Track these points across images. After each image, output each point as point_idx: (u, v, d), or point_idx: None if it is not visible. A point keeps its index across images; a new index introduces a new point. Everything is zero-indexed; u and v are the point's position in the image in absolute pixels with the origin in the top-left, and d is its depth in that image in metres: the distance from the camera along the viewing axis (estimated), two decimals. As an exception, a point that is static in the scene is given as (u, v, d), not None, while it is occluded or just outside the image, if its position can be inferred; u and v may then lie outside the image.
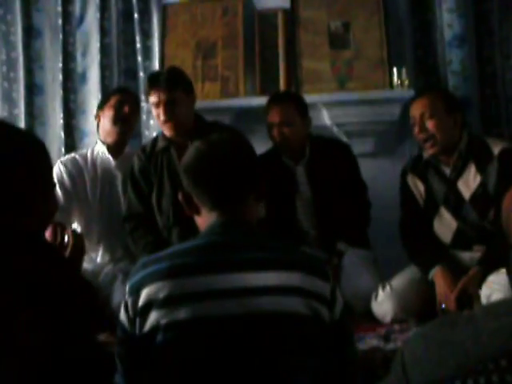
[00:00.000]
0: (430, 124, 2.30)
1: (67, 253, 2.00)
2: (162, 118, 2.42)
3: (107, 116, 2.68)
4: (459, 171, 2.33)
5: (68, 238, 2.24)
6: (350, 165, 2.62)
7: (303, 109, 2.57)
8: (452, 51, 3.01)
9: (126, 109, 2.68)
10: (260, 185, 1.38)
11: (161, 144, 2.54)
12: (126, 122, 2.68)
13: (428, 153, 2.35)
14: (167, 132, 2.46)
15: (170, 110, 2.40)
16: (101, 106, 2.74)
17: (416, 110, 2.34)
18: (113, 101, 2.69)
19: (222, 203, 1.33)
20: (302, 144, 2.58)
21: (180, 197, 1.38)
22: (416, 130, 2.33)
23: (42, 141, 1.26)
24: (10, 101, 3.46)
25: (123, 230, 2.59)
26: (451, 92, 2.77)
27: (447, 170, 2.36)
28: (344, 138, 3.03)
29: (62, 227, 2.44)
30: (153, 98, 2.43)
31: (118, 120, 2.66)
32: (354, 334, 1.39)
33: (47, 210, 1.23)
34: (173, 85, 2.41)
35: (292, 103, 2.56)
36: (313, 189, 2.56)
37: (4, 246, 1.09)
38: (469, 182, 2.31)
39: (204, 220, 1.36)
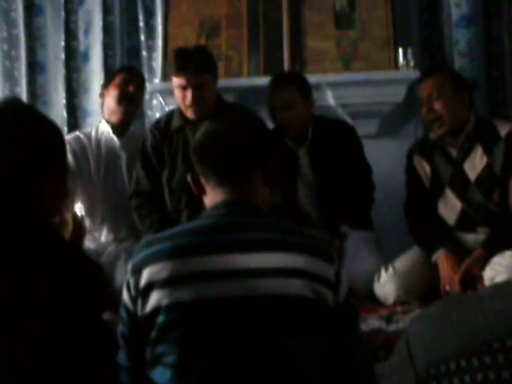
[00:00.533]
0: (437, 105, 2.28)
1: (67, 234, 2.00)
2: (188, 101, 2.37)
3: (112, 95, 2.65)
4: (466, 153, 2.31)
5: (67, 219, 2.24)
6: (354, 146, 2.59)
7: (306, 91, 2.53)
8: (459, 31, 2.97)
9: (132, 88, 2.64)
10: (268, 169, 1.36)
11: (176, 122, 2.50)
12: (131, 101, 2.65)
13: (436, 133, 2.33)
14: (191, 115, 2.42)
15: (198, 94, 2.36)
16: (106, 85, 2.71)
17: (424, 91, 2.32)
18: (118, 79, 2.66)
19: (226, 181, 1.32)
20: (304, 126, 2.54)
21: (189, 177, 1.38)
22: (424, 110, 2.31)
23: (58, 125, 1.24)
24: (12, 79, 3.43)
25: (128, 210, 2.58)
26: (459, 73, 2.73)
27: (454, 152, 2.34)
28: (348, 119, 3.00)
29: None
30: (180, 81, 2.37)
31: (123, 99, 2.63)
32: (358, 316, 1.39)
33: (58, 193, 1.22)
34: (202, 68, 2.37)
35: (294, 85, 2.51)
36: (315, 171, 2.53)
37: (10, 226, 1.09)
38: (475, 164, 2.29)
39: (209, 199, 1.35)
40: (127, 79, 2.66)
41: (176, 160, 2.48)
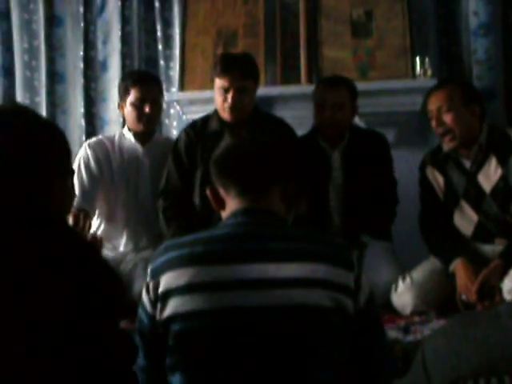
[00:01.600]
0: (447, 118, 2.25)
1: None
2: (228, 104, 2.38)
3: (129, 113, 2.60)
4: (479, 164, 2.28)
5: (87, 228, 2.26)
6: (385, 158, 2.60)
7: (355, 94, 2.56)
8: (477, 40, 2.96)
9: (147, 108, 2.56)
10: (287, 187, 1.37)
11: (214, 125, 2.49)
12: (150, 119, 2.60)
13: (447, 146, 2.31)
14: (228, 117, 2.42)
15: (239, 98, 2.38)
16: (122, 97, 2.64)
17: (433, 104, 2.30)
18: (133, 97, 2.57)
19: (245, 190, 1.34)
20: (344, 129, 2.56)
21: (208, 191, 1.40)
22: (433, 123, 2.29)
23: (61, 128, 1.25)
24: (32, 89, 3.49)
25: (149, 219, 2.58)
26: (470, 83, 2.72)
27: (467, 163, 2.32)
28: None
29: (85, 214, 2.45)
30: (223, 82, 2.39)
31: (140, 119, 2.58)
32: (380, 320, 1.38)
33: (64, 195, 1.22)
34: (246, 73, 2.40)
35: (346, 87, 2.54)
36: (345, 175, 2.54)
37: (25, 225, 1.09)
38: (489, 175, 2.27)
39: (228, 210, 1.37)
40: (142, 98, 2.56)
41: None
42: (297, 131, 2.60)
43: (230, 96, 2.37)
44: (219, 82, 2.40)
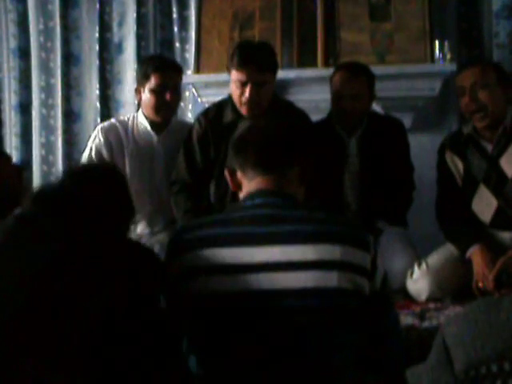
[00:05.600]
0: (482, 94, 2.21)
1: None
2: (245, 98, 2.30)
3: (148, 100, 2.52)
4: (502, 148, 2.25)
5: None
6: (403, 144, 2.58)
7: (373, 83, 2.52)
8: (499, 23, 2.90)
9: (168, 96, 2.49)
10: (305, 170, 1.36)
11: (229, 116, 2.43)
12: (169, 108, 2.55)
13: (477, 125, 2.27)
14: (245, 111, 2.35)
15: (257, 92, 2.29)
16: (141, 82, 2.55)
17: (467, 80, 2.24)
18: (153, 83, 2.49)
19: (262, 171, 1.33)
20: (361, 117, 2.53)
21: (226, 172, 1.39)
22: (466, 99, 2.23)
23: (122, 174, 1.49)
24: (47, 71, 3.49)
25: (164, 206, 2.56)
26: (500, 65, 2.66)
27: (489, 147, 2.28)
28: (381, 113, 2.97)
29: None
30: (240, 76, 2.28)
31: (160, 107, 2.52)
32: (393, 304, 1.39)
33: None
34: (265, 66, 2.30)
35: (365, 76, 2.49)
36: (362, 162, 2.52)
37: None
38: (512, 160, 2.24)
39: (245, 191, 1.36)
40: (163, 84, 2.49)
41: (226, 153, 2.43)
42: (313, 115, 2.57)
43: (247, 90, 2.28)
44: (236, 75, 2.31)
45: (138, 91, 2.59)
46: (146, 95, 2.53)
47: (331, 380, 1.22)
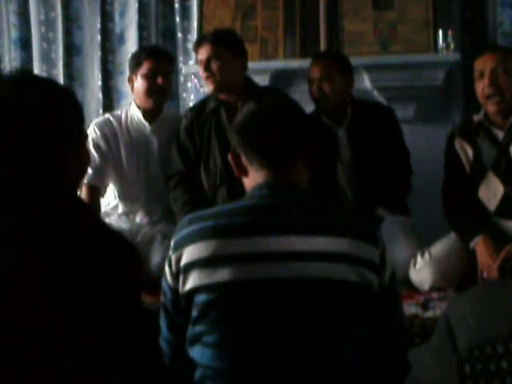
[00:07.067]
0: (502, 79, 2.20)
1: None
2: (203, 73, 2.45)
3: (140, 86, 2.56)
4: None
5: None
6: (393, 130, 2.56)
7: (345, 67, 2.53)
8: (504, 11, 2.88)
9: (160, 79, 2.53)
10: (311, 151, 1.34)
11: (211, 105, 2.54)
12: (161, 92, 2.57)
13: (490, 109, 2.25)
14: (209, 88, 2.50)
15: (212, 66, 2.43)
16: (133, 69, 2.59)
17: (489, 63, 2.22)
18: (145, 68, 2.53)
19: (269, 162, 1.30)
20: (343, 105, 2.53)
21: (229, 157, 1.36)
22: (486, 82, 2.21)
23: (72, 91, 1.24)
24: (49, 61, 3.47)
25: (162, 194, 2.60)
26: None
27: (500, 134, 2.27)
28: (384, 103, 2.95)
29: (97, 191, 2.50)
30: (199, 55, 2.47)
31: (152, 92, 2.54)
32: (401, 300, 1.37)
33: (79, 162, 1.20)
34: (216, 41, 2.42)
35: (333, 60, 2.53)
36: (354, 152, 2.52)
37: (36, 197, 1.08)
38: (523, 147, 2.22)
39: (251, 181, 1.33)
40: (155, 69, 2.52)
41: (210, 141, 2.52)
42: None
43: (203, 66, 2.44)
44: (198, 57, 2.49)
45: (130, 80, 2.63)
46: (138, 82, 2.57)
47: (337, 372, 1.21)
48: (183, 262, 1.24)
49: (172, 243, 1.29)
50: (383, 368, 1.30)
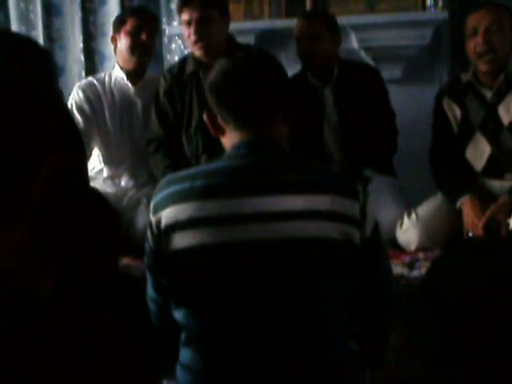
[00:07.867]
0: (496, 37, 2.17)
1: None
2: (192, 37, 2.35)
3: (124, 43, 2.53)
4: (502, 95, 2.23)
5: None
6: (379, 90, 2.55)
7: (332, 26, 2.51)
8: (497, -35, 2.82)
9: (144, 36, 2.51)
10: (288, 106, 1.31)
11: (190, 67, 2.48)
12: (145, 49, 2.54)
13: (482, 68, 2.23)
14: (197, 52, 2.40)
15: (202, 29, 2.33)
16: (117, 29, 2.57)
17: (483, 20, 2.19)
18: (129, 26, 2.51)
19: (245, 121, 1.27)
20: (329, 64, 2.51)
21: (205, 116, 1.33)
22: (479, 40, 2.18)
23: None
24: (27, 22, 3.37)
25: (146, 157, 2.57)
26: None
27: (488, 94, 2.26)
28: (371, 63, 2.92)
29: None
30: (184, 16, 2.36)
31: (135, 48, 2.52)
32: (386, 249, 1.37)
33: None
34: (207, 2, 2.33)
35: (322, 19, 2.51)
36: (340, 111, 2.51)
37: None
38: (510, 108, 2.21)
39: (229, 140, 1.31)
40: (139, 26, 2.50)
41: (191, 105, 2.47)
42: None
43: (192, 29, 2.33)
44: (182, 18, 2.38)
45: (113, 39, 2.60)
46: (122, 40, 2.54)
47: (322, 330, 1.21)
48: (163, 224, 1.23)
49: (151, 206, 1.28)
50: (372, 321, 1.32)
